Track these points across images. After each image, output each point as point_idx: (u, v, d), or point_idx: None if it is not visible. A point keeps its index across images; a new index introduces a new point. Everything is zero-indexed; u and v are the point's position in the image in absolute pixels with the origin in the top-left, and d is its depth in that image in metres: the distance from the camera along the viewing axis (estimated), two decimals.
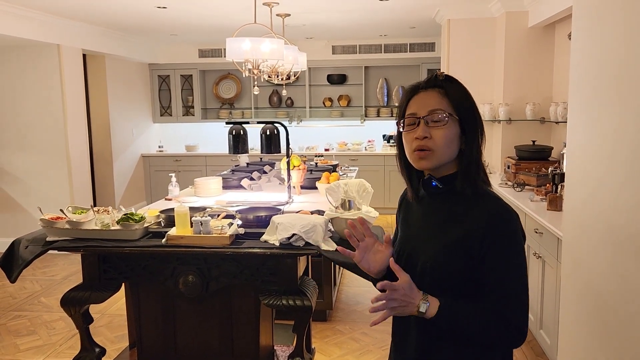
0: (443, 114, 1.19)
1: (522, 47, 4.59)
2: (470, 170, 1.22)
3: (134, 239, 2.44)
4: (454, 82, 1.25)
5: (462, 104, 1.21)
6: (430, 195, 1.27)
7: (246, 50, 3.75)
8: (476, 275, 1.16)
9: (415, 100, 1.23)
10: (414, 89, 1.26)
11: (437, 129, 1.19)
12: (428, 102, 1.21)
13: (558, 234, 2.68)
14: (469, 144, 1.22)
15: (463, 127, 1.21)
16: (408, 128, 1.23)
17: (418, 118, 1.20)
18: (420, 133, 1.19)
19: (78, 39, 5.44)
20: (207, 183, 3.86)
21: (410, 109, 1.23)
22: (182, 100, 7.57)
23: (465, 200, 1.22)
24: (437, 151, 1.19)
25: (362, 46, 7.13)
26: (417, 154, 1.21)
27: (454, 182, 1.23)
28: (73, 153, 5.34)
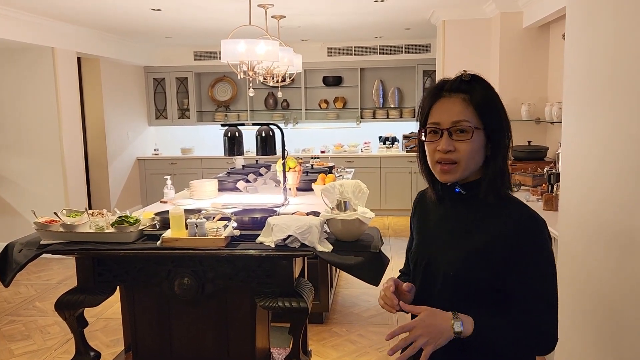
0: (468, 126, 1.13)
1: (517, 48, 4.61)
2: (496, 178, 1.17)
3: (128, 241, 2.42)
4: (480, 83, 1.18)
5: (489, 112, 1.16)
6: (451, 200, 1.23)
7: (241, 52, 3.74)
8: (500, 284, 1.13)
9: (438, 108, 1.17)
10: (437, 93, 1.18)
11: (462, 142, 1.14)
12: (452, 112, 1.14)
13: (554, 233, 2.67)
14: (495, 152, 1.17)
15: (489, 135, 1.16)
16: (430, 137, 1.18)
17: (441, 129, 1.15)
18: (443, 146, 1.14)
19: (72, 42, 5.42)
20: (202, 185, 3.85)
21: (433, 117, 1.17)
22: (178, 103, 7.55)
23: (488, 206, 1.18)
24: (462, 164, 1.15)
25: (357, 48, 7.13)
26: (440, 167, 1.17)
27: (478, 189, 1.18)
28: (68, 156, 5.32)
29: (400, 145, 7.20)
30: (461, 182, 1.19)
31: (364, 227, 2.45)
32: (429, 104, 1.19)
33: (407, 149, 7.02)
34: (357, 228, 2.42)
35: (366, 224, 2.43)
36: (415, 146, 6.94)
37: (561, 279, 2.19)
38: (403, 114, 7.22)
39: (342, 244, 2.44)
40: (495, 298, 1.14)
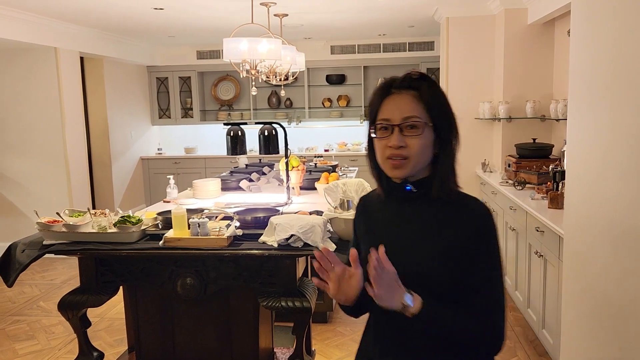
0: (419, 121, 1.15)
1: (521, 45, 4.57)
2: (447, 175, 1.19)
3: (131, 241, 2.42)
4: (429, 82, 1.19)
5: (438, 109, 1.17)
6: (400, 200, 1.22)
7: (243, 51, 3.73)
8: (463, 279, 1.13)
9: (388, 104, 1.17)
10: (386, 90, 1.19)
11: (413, 138, 1.14)
12: (402, 108, 1.15)
13: (559, 232, 2.65)
14: (444, 149, 1.19)
15: (438, 132, 1.18)
16: (381, 134, 1.17)
17: (392, 125, 1.15)
18: (395, 142, 1.14)
19: (75, 41, 5.42)
20: (205, 185, 3.84)
21: (383, 114, 1.17)
22: (181, 102, 7.55)
23: (446, 204, 1.19)
24: (412, 159, 1.15)
25: (360, 46, 7.11)
26: (391, 162, 1.16)
27: (427, 187, 1.19)
28: (71, 156, 5.32)
29: None
30: (411, 180, 1.20)
31: None
32: (378, 101, 1.19)
33: None
34: None
35: None
36: None
37: (566, 277, 2.18)
38: None
39: (345, 243, 2.42)
40: (456, 293, 1.15)
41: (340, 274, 1.14)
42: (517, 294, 3.61)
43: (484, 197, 4.73)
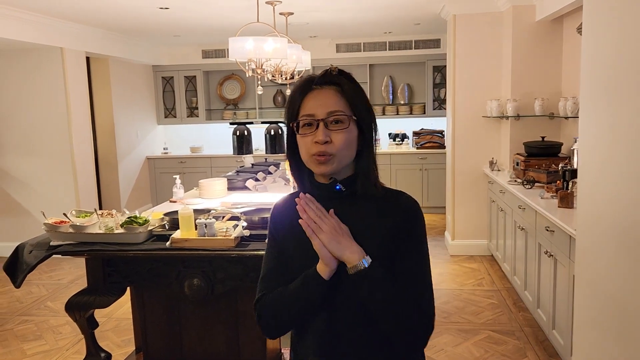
0: (344, 115, 1.14)
1: (529, 42, 4.52)
2: (371, 171, 1.19)
3: (138, 242, 2.41)
4: (348, 77, 1.19)
5: (359, 103, 1.17)
6: (326, 200, 1.18)
7: (249, 50, 3.70)
8: (395, 273, 1.15)
9: (311, 100, 1.15)
10: (307, 86, 1.17)
11: (338, 133, 1.13)
12: (326, 102, 1.14)
13: (570, 231, 2.62)
14: (367, 145, 1.19)
15: (360, 127, 1.17)
16: (305, 130, 1.14)
17: (317, 120, 1.13)
18: (321, 137, 1.12)
19: (81, 41, 5.43)
20: (211, 184, 3.82)
21: (305, 109, 1.15)
22: (186, 102, 7.54)
23: (373, 201, 1.19)
24: (338, 155, 1.14)
25: (366, 44, 7.07)
26: (317, 158, 1.13)
27: (354, 184, 1.18)
28: (78, 156, 5.33)
29: (411, 142, 7.13)
30: (339, 179, 1.19)
31: None
32: (299, 98, 1.17)
33: (418, 145, 6.95)
34: None
35: None
36: (426, 143, 6.91)
37: (578, 277, 2.14)
38: (413, 110, 7.16)
39: None
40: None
41: (336, 223, 1.14)
42: (526, 294, 3.57)
43: (492, 196, 4.69)
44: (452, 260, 4.92)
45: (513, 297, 3.92)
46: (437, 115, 7.08)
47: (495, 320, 3.54)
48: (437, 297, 3.99)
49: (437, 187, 6.78)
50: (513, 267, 3.97)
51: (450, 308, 3.77)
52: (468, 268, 4.67)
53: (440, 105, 7.07)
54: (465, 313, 3.68)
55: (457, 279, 4.40)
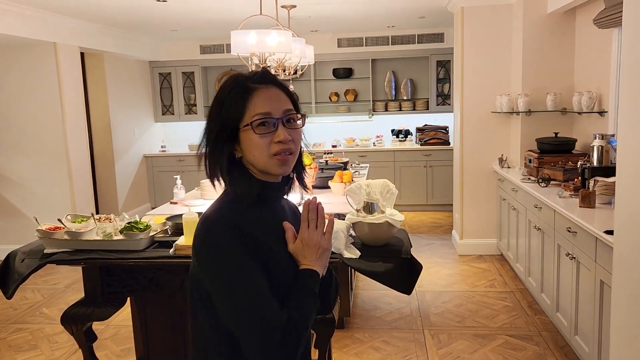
0: (295, 115, 1.13)
1: (541, 35, 4.37)
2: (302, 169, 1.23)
3: (138, 249, 2.25)
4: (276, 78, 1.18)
5: (297, 103, 1.17)
6: (271, 201, 1.17)
7: (252, 44, 3.54)
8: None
9: (261, 98, 1.09)
10: (245, 84, 1.11)
11: (295, 131, 1.12)
12: (280, 101, 1.11)
13: (596, 233, 2.47)
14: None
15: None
16: (262, 130, 1.08)
17: (275, 119, 1.09)
18: (285, 136, 1.08)
19: (75, 36, 5.23)
20: None
21: (258, 108, 1.08)
22: (184, 99, 7.36)
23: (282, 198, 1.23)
24: (295, 153, 1.13)
25: (368, 38, 6.90)
26: (281, 158, 1.09)
27: (289, 184, 1.21)
28: (73, 155, 5.15)
29: (414, 138, 6.98)
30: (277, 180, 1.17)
31: (393, 230, 2.25)
32: (242, 97, 1.09)
33: (421, 142, 6.80)
34: (385, 232, 2.23)
35: (396, 227, 2.24)
36: (430, 139, 6.76)
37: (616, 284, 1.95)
38: (416, 106, 7.00)
39: (369, 249, 2.25)
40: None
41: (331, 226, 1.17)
42: (543, 297, 3.43)
43: (503, 194, 4.54)
44: (461, 260, 4.78)
45: (528, 299, 3.78)
46: (440, 110, 6.92)
47: (512, 324, 3.40)
48: (449, 300, 3.84)
49: (441, 185, 6.64)
50: (527, 268, 3.82)
51: (463, 311, 3.63)
52: (478, 268, 4.53)
53: (444, 100, 6.92)
54: (479, 317, 3.54)
55: (467, 280, 4.26)
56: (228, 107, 1.09)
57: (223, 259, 1.02)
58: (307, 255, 1.12)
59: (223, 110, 1.09)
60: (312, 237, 1.12)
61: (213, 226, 1.05)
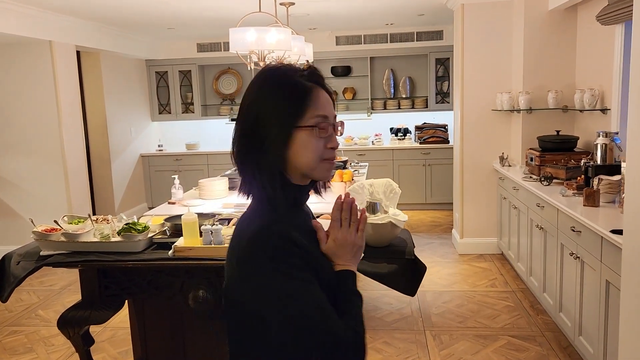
0: (341, 122, 1.09)
1: (542, 32, 4.33)
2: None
3: (137, 251, 2.20)
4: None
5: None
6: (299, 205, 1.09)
7: (251, 42, 3.49)
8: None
9: (323, 99, 1.02)
10: (320, 80, 1.04)
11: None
12: (332, 106, 1.05)
13: (602, 232, 2.44)
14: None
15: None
16: (321, 133, 1.00)
17: (331, 124, 1.03)
18: (337, 144, 1.05)
19: (71, 34, 5.17)
20: (212, 184, 3.61)
21: (320, 109, 1.01)
22: (181, 97, 7.30)
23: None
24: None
25: (367, 36, 6.86)
26: (331, 163, 1.04)
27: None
28: (69, 155, 5.09)
29: (413, 137, 6.94)
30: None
31: (396, 231, 2.21)
32: (303, 96, 1.00)
33: (420, 140, 6.76)
34: (389, 232, 2.19)
35: (399, 227, 2.20)
36: (429, 137, 6.72)
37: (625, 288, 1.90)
38: (415, 104, 6.96)
39: (372, 250, 2.21)
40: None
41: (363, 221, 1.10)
42: (545, 296, 3.40)
43: (504, 193, 4.51)
44: (461, 259, 4.75)
45: (530, 299, 3.75)
46: (439, 109, 6.89)
47: (514, 325, 3.37)
48: (450, 300, 3.81)
49: (441, 183, 6.60)
50: (529, 268, 3.79)
51: (465, 312, 3.60)
52: (479, 268, 4.49)
53: (443, 99, 6.88)
54: (481, 317, 3.51)
55: (468, 279, 4.23)
56: (287, 105, 0.98)
57: (284, 277, 0.92)
58: (342, 255, 1.06)
59: (279, 108, 0.98)
60: (346, 236, 1.06)
61: (266, 242, 0.94)
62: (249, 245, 0.95)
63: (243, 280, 0.96)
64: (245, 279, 0.95)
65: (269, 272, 0.92)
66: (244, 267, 0.95)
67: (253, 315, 0.96)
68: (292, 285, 0.92)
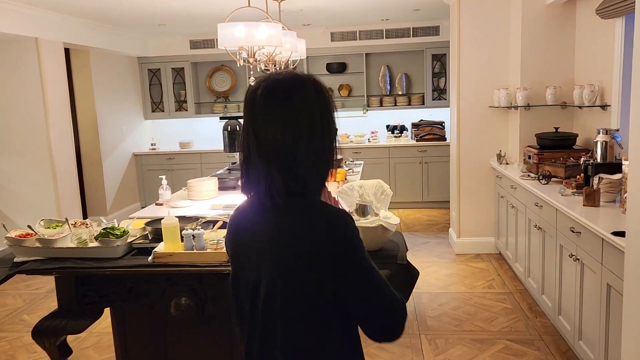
0: None
1: (540, 26, 4.22)
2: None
3: (115, 256, 2.09)
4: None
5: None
6: None
7: (240, 37, 3.38)
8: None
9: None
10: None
11: None
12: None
13: (603, 234, 2.34)
14: None
15: None
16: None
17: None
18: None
19: (58, 31, 5.05)
20: (201, 185, 3.51)
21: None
22: (174, 95, 7.18)
23: None
24: None
25: (362, 32, 6.74)
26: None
27: None
28: (57, 155, 4.97)
29: (410, 134, 6.84)
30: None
31: (388, 234, 2.11)
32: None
33: (417, 137, 6.66)
34: (380, 236, 2.08)
35: (391, 231, 2.09)
36: (426, 135, 6.61)
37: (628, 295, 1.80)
38: (411, 101, 6.86)
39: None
40: None
41: None
42: (544, 298, 3.30)
43: (501, 191, 4.41)
44: (458, 259, 4.65)
45: (528, 301, 3.65)
46: (436, 105, 6.79)
47: (512, 328, 3.28)
48: (447, 302, 3.71)
49: (437, 181, 6.50)
50: (527, 268, 3.70)
51: (461, 314, 3.50)
52: (476, 268, 4.40)
53: (439, 95, 6.77)
54: (478, 320, 3.41)
55: (465, 280, 4.13)
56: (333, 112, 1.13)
57: (364, 253, 1.07)
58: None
59: (332, 113, 1.12)
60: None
61: (352, 222, 1.07)
62: (344, 224, 1.05)
63: (354, 252, 1.05)
64: (355, 251, 1.05)
65: (360, 248, 1.07)
66: (354, 241, 1.06)
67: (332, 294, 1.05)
68: (370, 262, 1.08)
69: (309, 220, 1.05)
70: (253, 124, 1.07)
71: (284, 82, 1.08)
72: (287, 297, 1.05)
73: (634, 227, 1.79)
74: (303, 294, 1.05)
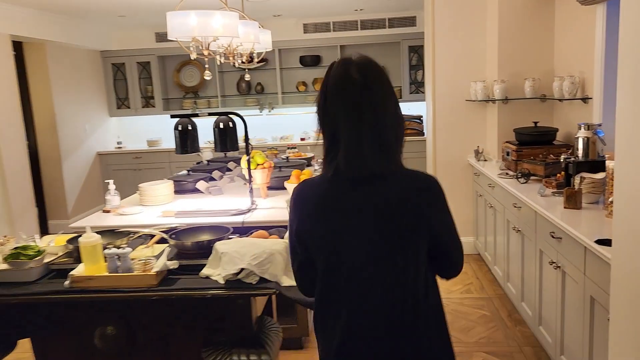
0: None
1: (518, 16, 3.99)
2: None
3: (29, 280, 1.80)
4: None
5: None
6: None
7: (192, 27, 3.09)
8: None
9: None
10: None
11: None
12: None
13: (586, 242, 2.11)
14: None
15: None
16: None
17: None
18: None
19: (5, 23, 4.68)
20: (153, 189, 3.22)
21: None
22: (141, 91, 6.83)
23: None
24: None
25: (336, 23, 6.46)
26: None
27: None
28: (7, 155, 4.62)
29: None
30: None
31: None
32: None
33: None
34: None
35: None
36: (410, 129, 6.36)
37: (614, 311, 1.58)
38: None
39: None
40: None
41: None
42: (523, 306, 3.09)
43: (479, 190, 4.19)
44: None
45: (507, 307, 3.44)
46: (414, 99, 6.54)
47: (490, 339, 3.05)
48: None
49: None
50: (506, 273, 3.48)
51: None
52: None
53: (417, 88, 6.54)
54: (454, 330, 3.18)
55: (442, 284, 3.85)
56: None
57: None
58: None
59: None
60: None
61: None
62: (432, 178, 1.33)
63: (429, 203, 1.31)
64: (432, 200, 1.32)
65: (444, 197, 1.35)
66: (433, 192, 1.34)
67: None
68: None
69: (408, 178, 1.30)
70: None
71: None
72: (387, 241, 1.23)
73: (621, 239, 1.56)
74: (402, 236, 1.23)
